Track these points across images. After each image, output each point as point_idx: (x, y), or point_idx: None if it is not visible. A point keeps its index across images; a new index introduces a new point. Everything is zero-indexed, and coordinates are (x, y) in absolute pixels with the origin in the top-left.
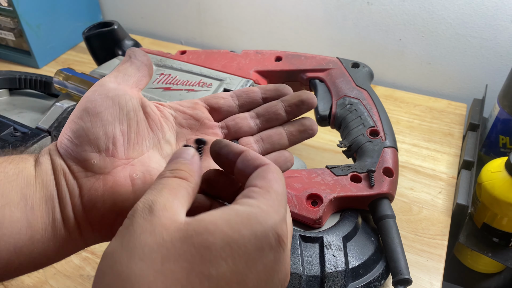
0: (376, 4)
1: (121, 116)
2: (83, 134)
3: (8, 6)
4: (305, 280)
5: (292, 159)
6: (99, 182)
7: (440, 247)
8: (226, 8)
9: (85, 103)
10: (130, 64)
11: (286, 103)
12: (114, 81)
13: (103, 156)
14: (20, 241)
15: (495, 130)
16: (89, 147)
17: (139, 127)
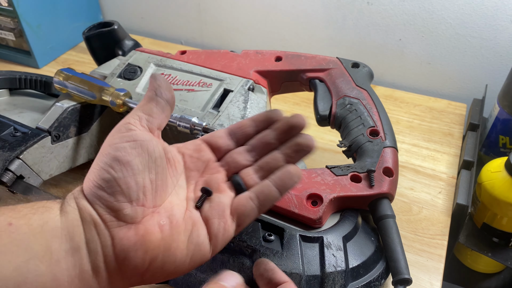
0: (376, 4)
1: (150, 164)
2: (115, 184)
3: (8, 6)
4: (305, 280)
5: (300, 173)
6: (131, 232)
7: (440, 247)
8: (226, 8)
9: (115, 151)
10: (155, 104)
11: (277, 131)
12: (140, 125)
13: (135, 206)
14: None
15: (495, 130)
16: (122, 197)
17: (163, 174)
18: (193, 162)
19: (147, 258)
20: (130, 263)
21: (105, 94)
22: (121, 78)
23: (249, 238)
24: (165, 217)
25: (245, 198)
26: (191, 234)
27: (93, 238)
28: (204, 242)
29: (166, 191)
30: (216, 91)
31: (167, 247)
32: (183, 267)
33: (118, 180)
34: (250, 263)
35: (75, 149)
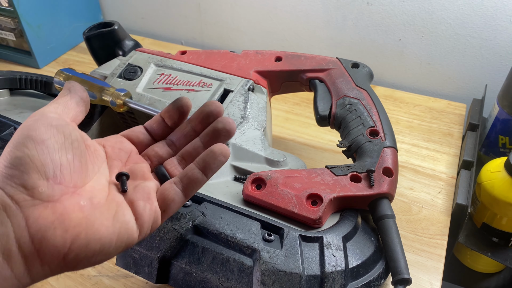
0: (376, 4)
1: (66, 145)
2: (28, 162)
3: (9, 6)
4: (305, 279)
5: (226, 151)
6: (48, 210)
7: (439, 247)
8: (226, 9)
9: (28, 131)
10: (70, 98)
11: (193, 122)
12: (55, 112)
13: (51, 183)
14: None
15: (495, 130)
16: (36, 174)
17: (82, 157)
18: (115, 152)
19: (68, 237)
20: (48, 243)
21: (105, 94)
22: (122, 78)
23: (249, 238)
24: (86, 198)
25: (169, 184)
26: (115, 213)
27: (2, 222)
28: (130, 221)
29: (86, 174)
30: (216, 91)
31: (90, 224)
32: (109, 246)
33: (32, 157)
34: (250, 263)
35: None
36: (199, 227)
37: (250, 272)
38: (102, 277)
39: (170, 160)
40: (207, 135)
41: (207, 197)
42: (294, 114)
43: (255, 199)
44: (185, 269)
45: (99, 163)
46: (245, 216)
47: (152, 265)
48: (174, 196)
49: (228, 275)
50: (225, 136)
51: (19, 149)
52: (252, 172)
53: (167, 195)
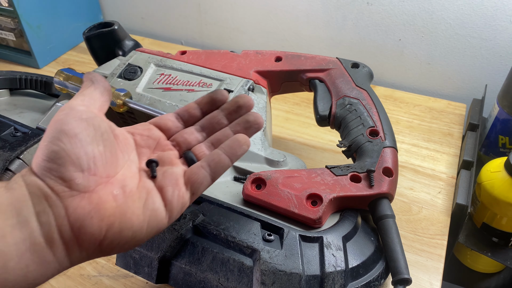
0: (376, 4)
1: (97, 137)
2: (64, 155)
3: (9, 7)
4: (305, 279)
5: (248, 141)
6: (85, 201)
7: (439, 247)
8: (227, 9)
9: (61, 126)
10: (94, 89)
11: (226, 111)
12: (83, 105)
13: (86, 175)
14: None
15: (495, 130)
16: (72, 167)
17: (112, 147)
18: (143, 140)
19: (103, 225)
20: (86, 231)
21: None
22: (122, 78)
23: (249, 238)
24: (118, 187)
25: (197, 167)
26: (146, 201)
27: (45, 210)
28: (159, 208)
29: (117, 164)
30: None
31: (123, 214)
32: (141, 233)
33: (68, 151)
34: (250, 263)
35: None
36: (199, 227)
37: (250, 272)
38: (102, 277)
39: (199, 146)
40: (238, 125)
41: (207, 197)
42: (294, 114)
43: (255, 199)
44: (185, 269)
45: (129, 151)
46: (245, 216)
47: (152, 265)
48: (202, 180)
49: (228, 275)
50: (255, 128)
51: (55, 143)
52: (252, 172)
53: (196, 179)
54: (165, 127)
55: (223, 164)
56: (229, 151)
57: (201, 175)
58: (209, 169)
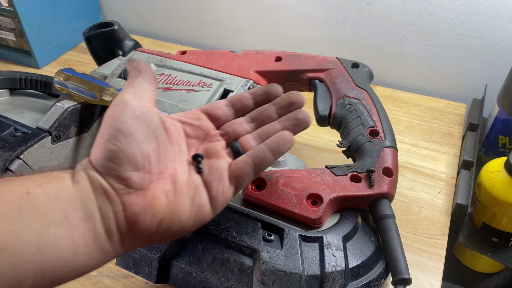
0: (376, 4)
1: (150, 135)
2: (121, 155)
3: (9, 7)
4: (305, 279)
5: (293, 139)
6: (140, 198)
7: (439, 247)
8: (227, 9)
9: (117, 124)
10: (142, 78)
11: (278, 106)
12: (134, 98)
13: (142, 174)
14: (64, 256)
15: (495, 130)
16: (129, 166)
17: (164, 142)
18: (193, 130)
19: (155, 221)
20: (140, 226)
21: (105, 94)
22: (122, 78)
23: (249, 238)
24: (169, 182)
25: (241, 162)
26: (193, 197)
27: (105, 205)
28: (205, 204)
29: (168, 158)
30: (216, 91)
31: (173, 210)
32: (187, 227)
33: (125, 151)
34: (250, 263)
35: (75, 149)
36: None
37: (250, 272)
38: (102, 277)
39: (246, 136)
40: (286, 120)
41: None
42: None
43: (255, 199)
44: (185, 269)
45: (180, 143)
46: (245, 216)
47: (152, 265)
48: (246, 175)
49: (228, 275)
50: (303, 126)
51: (112, 143)
52: None
53: (240, 174)
54: (215, 116)
55: (267, 160)
56: (274, 147)
57: (245, 171)
58: (253, 165)
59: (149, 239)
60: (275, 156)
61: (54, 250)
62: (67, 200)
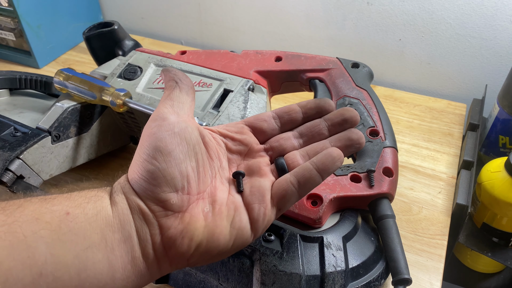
0: (376, 4)
1: (189, 153)
2: (160, 176)
3: (9, 6)
4: (305, 280)
5: (342, 158)
6: (177, 220)
7: (439, 247)
8: (227, 8)
9: (156, 142)
10: (179, 90)
11: (329, 122)
12: (173, 112)
13: (180, 195)
14: (102, 281)
15: (495, 130)
16: (168, 187)
17: (204, 159)
18: (235, 145)
19: (193, 245)
20: (177, 250)
21: (105, 94)
22: (121, 78)
23: None
24: (208, 203)
25: (286, 182)
26: (233, 219)
27: (143, 228)
28: (246, 227)
29: (208, 176)
30: (216, 91)
31: (211, 233)
32: (226, 250)
33: (163, 171)
34: (250, 263)
35: (75, 149)
36: None
37: (250, 272)
38: None
39: (292, 153)
40: (339, 140)
41: None
42: None
43: None
44: (185, 269)
45: (220, 158)
46: None
47: None
48: (290, 197)
49: (228, 275)
50: (355, 148)
51: (151, 162)
52: None
53: (284, 195)
54: (260, 130)
55: (314, 181)
56: (321, 167)
57: (289, 192)
58: (298, 186)
59: (187, 262)
60: (323, 176)
61: (93, 274)
62: (106, 222)
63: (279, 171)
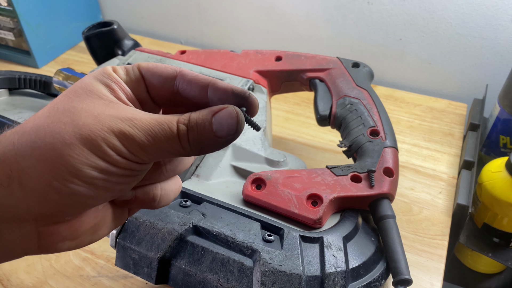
0: (376, 4)
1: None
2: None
3: (8, 6)
4: (305, 280)
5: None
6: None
7: (440, 247)
8: (226, 8)
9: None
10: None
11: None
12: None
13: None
14: None
15: (496, 130)
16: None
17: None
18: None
19: (73, 245)
20: (52, 251)
21: None
22: None
23: (249, 238)
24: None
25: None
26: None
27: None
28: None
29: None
30: None
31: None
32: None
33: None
34: (250, 263)
35: None
36: (198, 227)
37: (250, 273)
38: (101, 277)
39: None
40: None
41: (206, 197)
42: (294, 114)
43: (255, 199)
44: (184, 270)
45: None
46: (245, 217)
47: (151, 266)
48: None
49: (228, 276)
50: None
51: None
52: (252, 172)
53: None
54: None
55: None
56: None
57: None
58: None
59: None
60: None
61: None
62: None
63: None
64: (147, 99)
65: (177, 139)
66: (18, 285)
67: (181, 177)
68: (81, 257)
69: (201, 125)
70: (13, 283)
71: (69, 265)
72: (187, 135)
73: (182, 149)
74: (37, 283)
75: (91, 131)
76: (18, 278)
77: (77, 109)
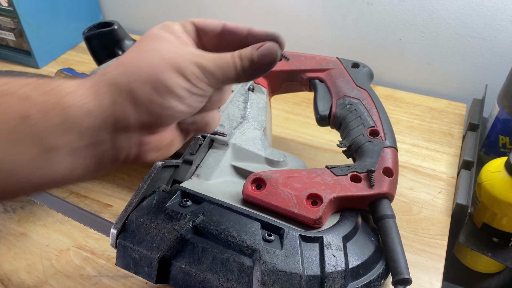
0: (376, 4)
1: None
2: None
3: (8, 6)
4: (305, 280)
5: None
6: (157, 137)
7: (440, 247)
8: (226, 8)
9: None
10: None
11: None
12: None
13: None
14: (59, 177)
15: (495, 130)
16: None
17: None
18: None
19: (159, 156)
20: (143, 161)
21: None
22: None
23: (249, 238)
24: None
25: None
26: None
27: (122, 139)
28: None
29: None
30: None
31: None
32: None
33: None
34: (250, 263)
35: None
36: (199, 227)
37: (250, 272)
38: (101, 277)
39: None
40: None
41: (207, 197)
42: (294, 114)
43: (255, 199)
44: (185, 269)
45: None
46: (245, 216)
47: (151, 265)
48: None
49: (228, 275)
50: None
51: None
52: (252, 172)
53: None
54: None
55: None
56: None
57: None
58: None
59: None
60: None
61: (50, 173)
62: (81, 123)
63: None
64: (200, 46)
65: (235, 68)
66: (19, 284)
67: (182, 177)
68: (82, 256)
69: (250, 57)
70: (13, 282)
71: (70, 265)
72: (241, 64)
73: (236, 76)
74: (37, 283)
75: (177, 62)
76: (18, 277)
77: (159, 48)
